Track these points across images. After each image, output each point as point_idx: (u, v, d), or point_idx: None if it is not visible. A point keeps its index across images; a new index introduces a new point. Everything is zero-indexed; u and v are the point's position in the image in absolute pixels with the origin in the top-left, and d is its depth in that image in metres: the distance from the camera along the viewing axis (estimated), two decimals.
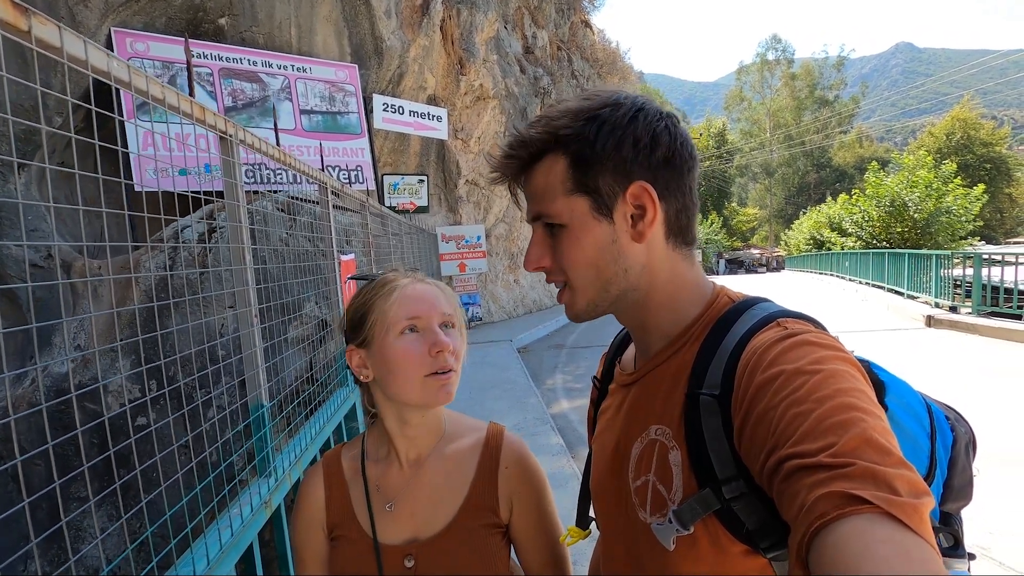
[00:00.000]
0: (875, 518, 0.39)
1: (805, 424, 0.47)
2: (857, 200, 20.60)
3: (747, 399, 0.54)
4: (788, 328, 0.58)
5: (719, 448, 0.57)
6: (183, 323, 2.88)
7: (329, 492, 0.90)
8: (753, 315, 0.63)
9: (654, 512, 0.62)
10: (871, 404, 0.49)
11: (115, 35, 5.58)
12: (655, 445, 0.64)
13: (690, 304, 0.68)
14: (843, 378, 0.50)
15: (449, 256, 11.02)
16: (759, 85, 55.11)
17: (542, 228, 0.68)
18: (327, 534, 0.89)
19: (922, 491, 0.42)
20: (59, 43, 0.76)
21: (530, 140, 0.66)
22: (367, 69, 8.31)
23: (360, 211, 3.50)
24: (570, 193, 0.64)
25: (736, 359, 0.58)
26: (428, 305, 0.86)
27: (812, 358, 0.53)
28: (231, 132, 1.35)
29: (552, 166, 0.65)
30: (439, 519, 0.86)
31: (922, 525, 0.40)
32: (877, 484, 0.41)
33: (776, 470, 0.47)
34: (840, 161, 51.97)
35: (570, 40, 16.54)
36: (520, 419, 5.17)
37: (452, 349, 0.84)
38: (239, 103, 6.71)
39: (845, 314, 10.74)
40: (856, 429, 0.45)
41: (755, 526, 0.55)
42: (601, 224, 0.64)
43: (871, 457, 0.43)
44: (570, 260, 0.66)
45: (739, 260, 40.58)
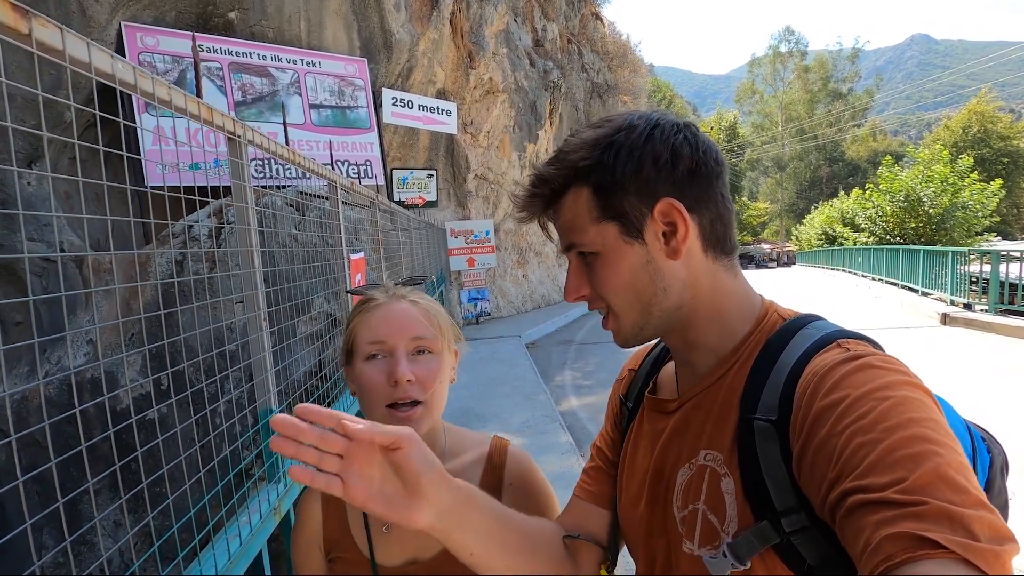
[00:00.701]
0: (951, 564, 0.36)
1: (872, 455, 0.44)
2: (870, 195, 20.33)
3: (807, 425, 0.51)
4: (851, 350, 0.55)
5: (777, 476, 0.54)
6: (193, 319, 2.87)
7: (326, 511, 0.88)
8: (809, 335, 0.60)
9: (704, 544, 0.59)
10: (946, 436, 0.45)
11: (125, 30, 5.58)
12: (705, 471, 0.61)
13: (738, 320, 0.65)
14: (914, 406, 0.47)
15: (458, 251, 11.00)
16: (771, 78, 54.50)
17: (576, 257, 0.68)
18: (324, 554, 0.87)
19: (1005, 536, 0.39)
20: (61, 46, 0.74)
21: (550, 177, 0.66)
22: (376, 63, 8.27)
23: (369, 207, 3.48)
24: (598, 221, 0.64)
25: (794, 382, 0.55)
26: (394, 329, 0.80)
27: (879, 383, 0.49)
28: (239, 132, 1.33)
29: (576, 198, 0.65)
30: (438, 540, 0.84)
31: (1004, 574, 0.37)
32: (953, 526, 0.38)
33: (839, 504, 0.45)
34: (853, 155, 51.35)
35: (580, 33, 16.39)
36: (528, 416, 5.14)
37: (411, 379, 0.77)
38: (249, 97, 6.70)
39: (858, 311, 10.60)
40: (929, 464, 0.42)
41: (817, 562, 0.52)
42: (633, 247, 0.63)
43: (946, 495, 0.40)
44: (608, 286, 0.65)
45: (749, 255, 40.23)
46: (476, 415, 5.30)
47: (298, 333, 3.46)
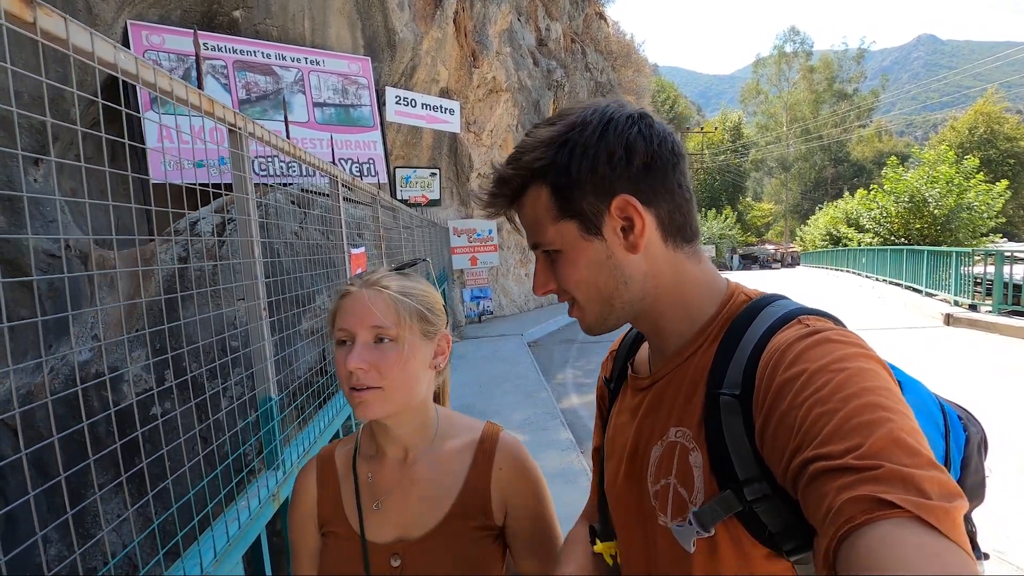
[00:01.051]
0: (905, 523, 0.38)
1: (830, 424, 0.46)
2: (875, 196, 20.25)
3: (769, 398, 0.53)
4: (810, 325, 0.57)
5: (740, 448, 0.56)
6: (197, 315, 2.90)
7: (321, 488, 0.90)
8: (772, 313, 0.62)
9: (675, 516, 0.61)
10: (899, 403, 0.47)
11: (131, 28, 5.62)
12: (675, 447, 0.63)
13: (704, 303, 0.67)
14: (869, 376, 0.49)
15: (461, 250, 11.02)
16: (776, 78, 54.33)
17: (542, 254, 0.69)
18: (319, 529, 0.89)
19: (954, 493, 0.41)
20: (65, 35, 0.76)
21: (509, 178, 0.67)
22: (380, 62, 8.30)
23: (371, 204, 3.51)
24: (556, 220, 0.65)
25: (757, 358, 0.57)
26: (355, 317, 0.82)
27: (836, 356, 0.51)
28: (240, 125, 1.35)
29: (536, 198, 0.66)
30: (428, 519, 0.85)
31: (955, 529, 0.39)
32: (906, 487, 0.40)
33: (800, 472, 0.46)
34: (858, 156, 51.14)
35: (584, 32, 16.39)
36: (530, 413, 5.16)
37: (362, 367, 0.79)
38: (253, 96, 6.74)
39: (861, 312, 10.58)
40: (883, 429, 0.44)
41: (778, 529, 0.54)
42: (593, 243, 0.65)
43: (899, 459, 0.42)
44: (570, 282, 0.67)
45: (753, 256, 40.16)
46: (478, 412, 5.32)
47: (301, 329, 3.49)
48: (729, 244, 39.67)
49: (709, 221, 39.32)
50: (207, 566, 1.09)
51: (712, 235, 38.32)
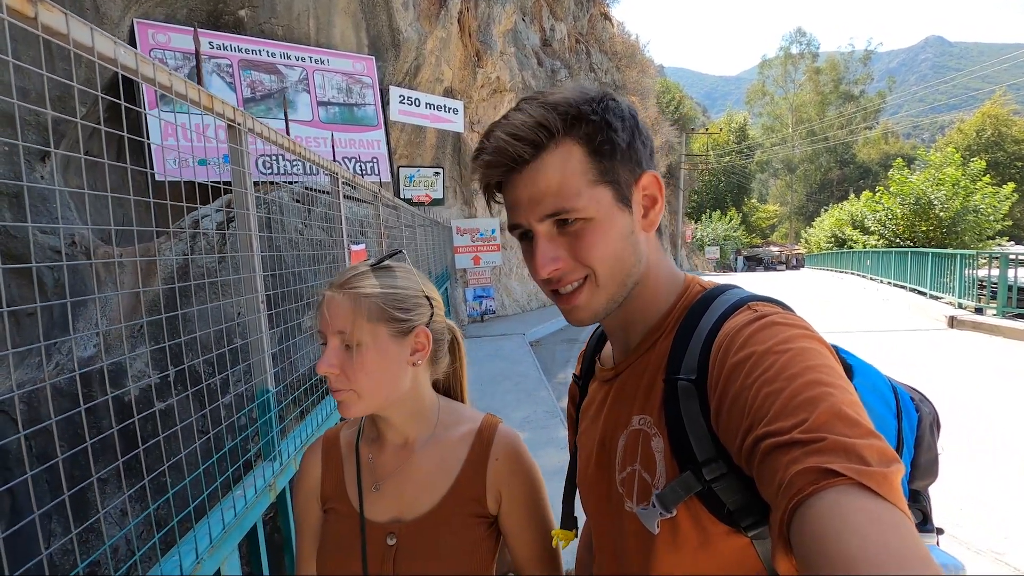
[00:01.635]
0: (848, 489, 0.41)
1: (777, 402, 0.48)
2: (881, 198, 20.17)
3: (721, 381, 0.55)
4: (758, 311, 0.60)
5: (698, 431, 0.58)
6: (199, 309, 2.93)
7: (325, 467, 0.93)
8: (725, 300, 0.64)
9: (640, 500, 0.63)
10: (839, 378, 0.50)
11: (137, 26, 5.67)
12: (639, 435, 0.65)
13: (667, 295, 0.70)
14: (811, 355, 0.52)
15: (463, 249, 11.04)
16: (782, 79, 54.21)
17: (552, 227, 0.63)
18: (321, 506, 0.92)
19: (891, 458, 0.43)
20: (65, 30, 0.78)
21: (549, 122, 0.60)
22: (384, 61, 8.33)
23: (373, 202, 3.53)
24: (593, 184, 0.61)
25: (710, 343, 0.60)
26: (324, 322, 0.82)
27: (781, 338, 0.54)
28: (239, 120, 1.37)
29: (567, 157, 0.61)
30: (423, 503, 0.88)
31: (892, 491, 0.41)
32: (848, 456, 0.42)
33: (753, 449, 0.48)
34: (864, 158, 50.93)
35: (589, 33, 16.39)
36: (530, 412, 5.18)
37: (332, 370, 0.80)
38: (258, 94, 6.77)
39: (865, 313, 10.54)
40: (825, 404, 0.46)
41: (736, 506, 0.56)
42: (623, 214, 0.63)
43: (841, 430, 0.44)
44: (597, 254, 0.62)
45: (758, 257, 40.04)
46: (478, 410, 5.33)
47: (303, 325, 3.52)
48: (734, 246, 39.56)
49: (714, 222, 39.22)
50: (202, 553, 1.11)
51: (716, 236, 38.22)
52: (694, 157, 37.66)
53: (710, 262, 36.78)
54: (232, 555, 1.24)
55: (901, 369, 5.90)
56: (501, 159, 0.62)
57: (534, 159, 0.61)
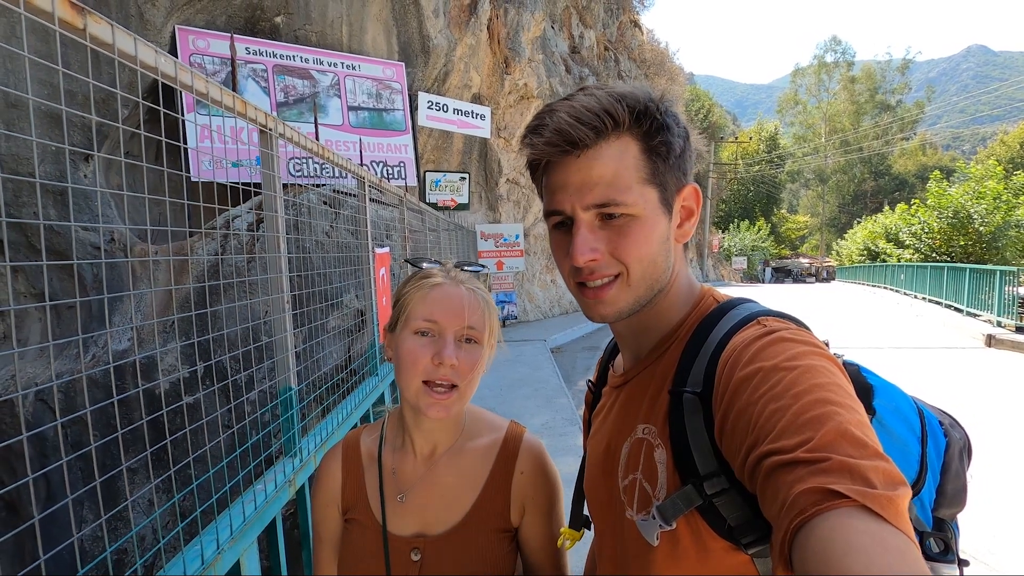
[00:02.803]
0: (853, 512, 0.40)
1: (783, 420, 0.47)
2: (917, 210, 19.59)
3: (727, 396, 0.55)
4: (767, 326, 0.59)
5: (701, 444, 0.58)
6: (229, 307, 3.02)
7: (346, 474, 0.91)
8: (735, 315, 0.64)
9: (640, 510, 0.63)
10: (847, 397, 0.49)
11: (179, 32, 5.88)
12: (642, 444, 0.65)
13: (681, 306, 0.70)
14: (819, 373, 0.51)
15: (487, 254, 11.09)
16: (815, 88, 53.15)
17: (596, 218, 0.63)
18: (342, 514, 0.90)
19: (897, 482, 0.42)
20: (111, 40, 0.83)
21: (616, 112, 0.60)
22: (414, 67, 8.46)
23: (398, 206, 3.58)
24: (644, 182, 0.62)
25: (718, 357, 0.59)
26: (449, 313, 0.81)
27: (789, 354, 0.53)
28: (271, 126, 1.42)
29: (624, 151, 0.61)
30: (449, 518, 0.86)
31: (898, 516, 0.40)
32: (853, 477, 0.42)
33: (757, 467, 0.48)
34: (900, 169, 49.57)
35: (618, 40, 16.37)
36: (549, 418, 5.17)
37: (455, 364, 0.79)
38: (291, 99, 6.94)
39: (896, 329, 10.24)
40: (832, 423, 0.45)
41: (737, 522, 0.56)
42: (664, 218, 0.64)
43: (846, 450, 0.43)
44: (636, 252, 0.62)
45: (787, 269, 39.19)
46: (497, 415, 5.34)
47: (329, 328, 3.59)
48: (761, 256, 38.85)
49: (741, 232, 38.59)
50: (223, 544, 1.14)
51: (744, 247, 37.59)
52: (723, 166, 37.16)
53: (737, 272, 36.15)
54: (252, 548, 1.27)
55: (933, 390, 5.71)
56: (560, 139, 0.61)
57: (593, 146, 0.61)
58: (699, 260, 30.28)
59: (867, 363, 0.69)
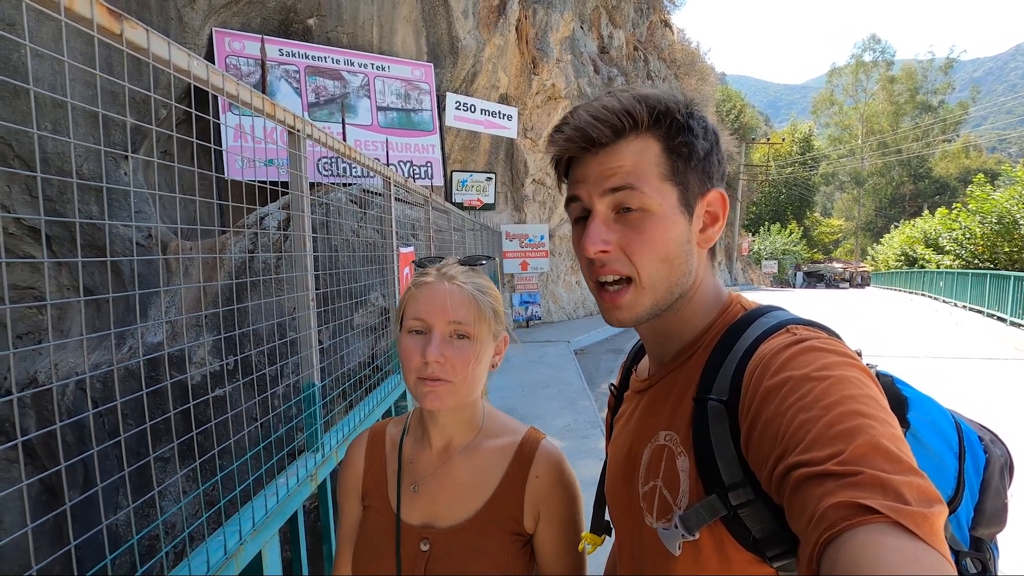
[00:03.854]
0: (885, 528, 0.39)
1: (813, 431, 0.46)
2: (958, 215, 18.87)
3: (754, 405, 0.54)
4: (796, 334, 0.58)
5: (726, 454, 0.56)
6: (256, 303, 3.09)
7: (368, 462, 0.94)
8: (764, 322, 0.62)
9: (660, 517, 0.63)
10: (881, 410, 0.48)
11: (215, 35, 6.05)
12: (663, 450, 0.64)
13: (707, 312, 0.69)
14: (852, 384, 0.49)
15: (512, 254, 11.11)
16: (852, 88, 51.65)
17: (608, 207, 0.63)
18: (361, 501, 0.93)
19: (933, 499, 0.41)
20: (146, 44, 0.86)
21: (636, 113, 0.61)
22: (442, 68, 8.53)
23: (423, 205, 3.62)
24: (663, 179, 0.62)
25: (745, 365, 0.58)
26: (434, 309, 0.82)
27: (820, 364, 0.52)
28: (298, 127, 1.45)
29: (645, 148, 0.62)
30: (458, 513, 0.87)
31: (932, 534, 0.39)
32: (885, 493, 0.40)
33: (784, 478, 0.47)
34: (942, 172, 47.78)
35: (647, 40, 16.20)
36: (571, 420, 5.15)
37: (440, 361, 0.80)
38: (322, 99, 7.07)
39: (934, 338, 9.88)
40: (864, 436, 0.44)
41: (762, 535, 0.55)
42: (684, 220, 0.63)
43: (879, 465, 0.42)
44: (648, 251, 0.62)
45: (819, 274, 38.22)
46: (519, 416, 5.34)
47: (355, 325, 3.64)
48: (793, 260, 37.96)
49: (772, 235, 37.79)
50: (245, 535, 1.17)
51: (775, 250, 36.79)
52: (753, 168, 36.42)
53: (767, 276, 35.42)
54: (273, 540, 1.30)
55: (973, 402, 5.49)
56: (579, 136, 0.63)
57: (611, 144, 0.62)
58: (727, 263, 29.76)
59: (903, 373, 0.67)
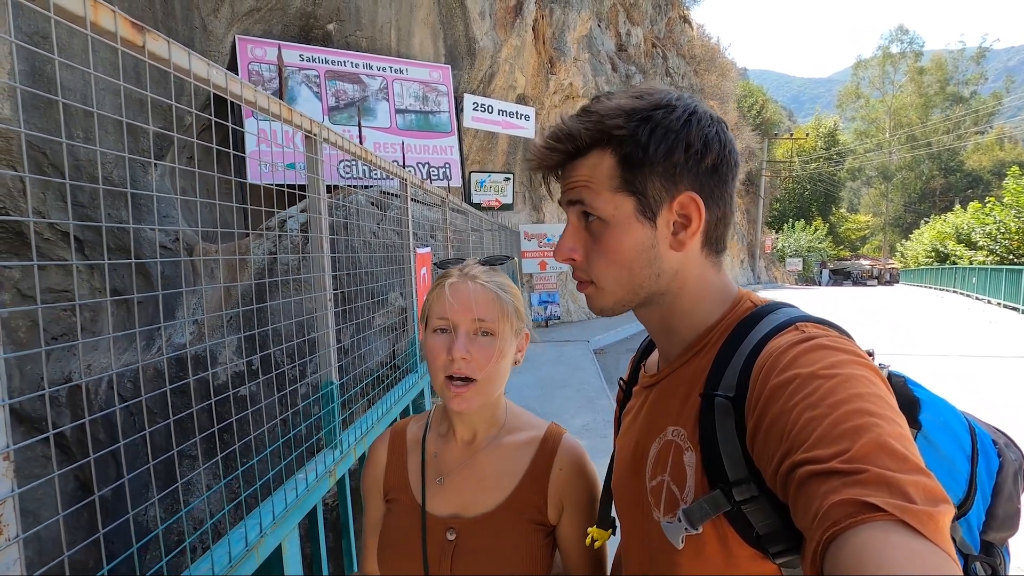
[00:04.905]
0: (889, 526, 0.39)
1: (819, 429, 0.46)
2: (992, 209, 18.30)
3: (761, 402, 0.54)
4: (805, 332, 0.57)
5: (731, 450, 0.57)
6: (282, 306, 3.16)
7: (391, 459, 0.97)
8: (773, 319, 0.62)
9: (667, 512, 0.63)
10: (888, 409, 0.47)
11: (238, 42, 6.19)
12: (671, 446, 0.65)
13: (712, 308, 0.68)
14: (859, 382, 0.49)
15: (530, 254, 11.13)
16: (879, 81, 50.43)
17: (579, 217, 0.67)
18: (384, 497, 0.96)
19: (939, 498, 0.41)
20: (167, 55, 0.89)
21: (578, 135, 0.65)
22: (460, 69, 8.58)
23: (441, 206, 3.66)
24: (616, 191, 0.64)
25: (752, 361, 0.58)
26: (459, 309, 0.84)
27: (828, 362, 0.52)
28: (315, 131, 1.49)
29: (599, 162, 0.64)
30: (484, 503, 0.89)
31: (938, 533, 0.39)
32: (891, 491, 0.40)
33: (789, 475, 0.47)
34: (974, 165, 46.30)
35: (666, 37, 16.05)
36: (589, 419, 5.14)
37: (466, 358, 0.83)
38: (341, 103, 7.18)
39: (966, 336, 9.60)
40: (871, 434, 0.44)
41: (766, 531, 0.55)
42: (644, 227, 0.64)
43: (885, 463, 0.42)
44: (606, 259, 0.65)
45: (846, 271, 37.42)
46: (537, 414, 5.33)
47: (374, 324, 3.70)
48: (818, 258, 37.20)
49: (796, 232, 37.10)
50: (266, 528, 1.21)
51: (799, 247, 36.11)
52: (776, 164, 35.78)
53: (791, 274, 34.78)
54: (293, 533, 1.33)
55: (1004, 404, 5.32)
56: (539, 161, 0.69)
57: (569, 164, 0.67)
58: (750, 261, 29.31)
59: (933, 372, 0.66)
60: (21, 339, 4.59)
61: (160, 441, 3.54)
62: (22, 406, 4.56)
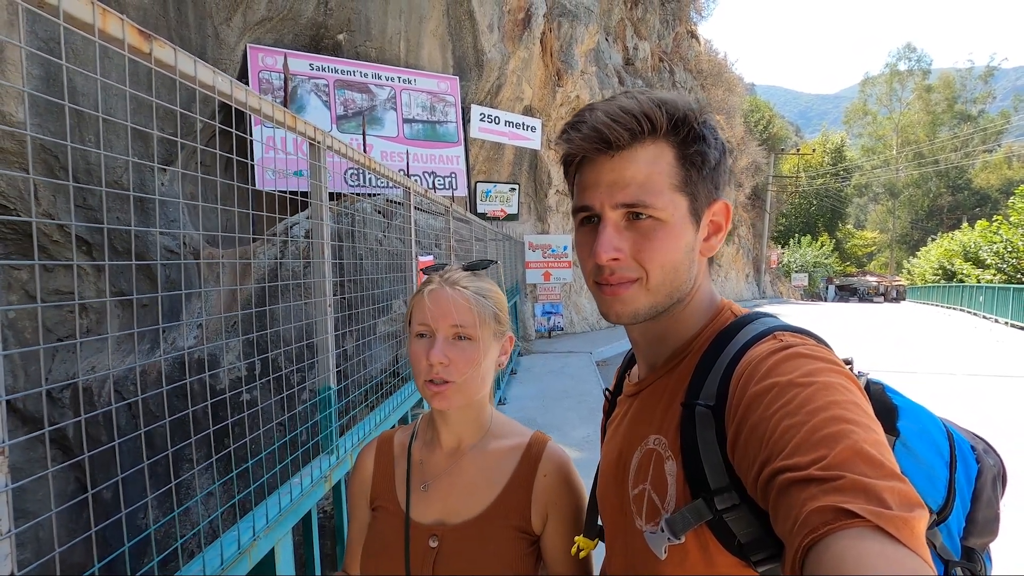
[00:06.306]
0: (865, 532, 0.39)
1: (797, 436, 0.47)
2: (999, 228, 18.21)
3: (740, 410, 0.54)
4: (783, 341, 0.58)
5: (712, 459, 0.57)
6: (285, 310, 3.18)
7: (377, 467, 0.98)
8: (752, 329, 0.63)
9: (649, 520, 0.63)
10: (864, 416, 0.48)
11: (249, 51, 6.28)
12: (652, 455, 0.65)
13: (698, 318, 0.69)
14: (836, 390, 0.50)
15: (535, 264, 11.13)
16: (887, 98, 50.47)
17: (624, 218, 0.64)
18: (369, 504, 0.96)
19: (914, 503, 0.41)
20: (174, 62, 0.92)
21: (656, 118, 0.61)
22: (467, 80, 8.66)
23: (445, 215, 3.68)
24: (675, 189, 0.63)
25: (732, 371, 0.59)
26: (437, 314, 0.86)
27: (805, 370, 0.52)
28: (319, 139, 1.51)
29: (657, 156, 0.62)
30: (468, 510, 0.89)
31: (913, 538, 0.39)
32: (867, 497, 0.41)
33: (769, 483, 0.48)
34: (982, 183, 46.14)
35: (673, 51, 16.16)
36: (591, 431, 5.11)
37: (444, 362, 0.84)
38: (350, 112, 7.26)
39: (973, 355, 9.51)
40: (847, 441, 0.45)
41: (747, 539, 0.55)
42: (691, 228, 0.65)
43: (861, 469, 0.43)
44: (660, 258, 0.63)
45: (852, 287, 37.22)
46: (539, 425, 5.32)
47: (377, 331, 3.71)
48: (824, 273, 37.04)
49: (802, 248, 37.00)
50: (259, 531, 1.21)
51: (805, 263, 35.98)
52: (783, 179, 35.77)
53: (796, 290, 34.64)
54: (286, 538, 1.34)
55: (1012, 424, 5.26)
56: (596, 137, 0.62)
57: (628, 147, 0.62)
58: (755, 276, 29.20)
59: (940, 390, 0.66)
60: (27, 340, 4.63)
61: (163, 444, 3.55)
62: (26, 407, 4.59)
